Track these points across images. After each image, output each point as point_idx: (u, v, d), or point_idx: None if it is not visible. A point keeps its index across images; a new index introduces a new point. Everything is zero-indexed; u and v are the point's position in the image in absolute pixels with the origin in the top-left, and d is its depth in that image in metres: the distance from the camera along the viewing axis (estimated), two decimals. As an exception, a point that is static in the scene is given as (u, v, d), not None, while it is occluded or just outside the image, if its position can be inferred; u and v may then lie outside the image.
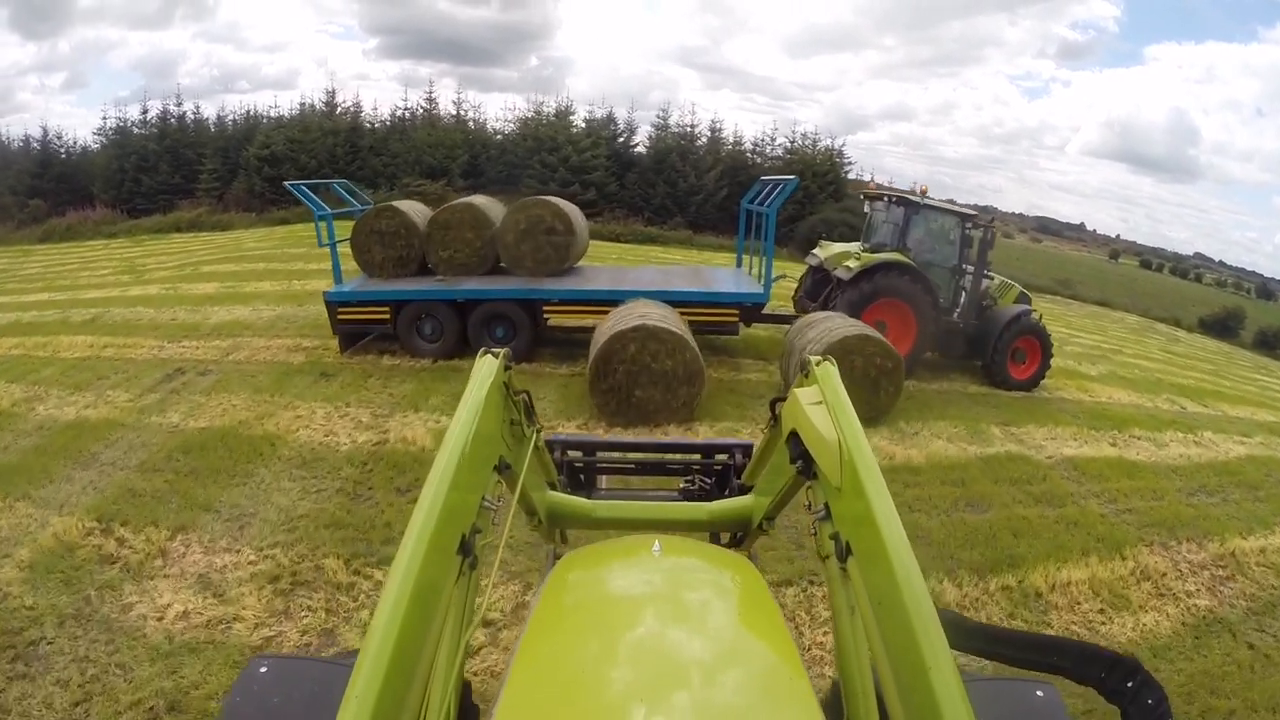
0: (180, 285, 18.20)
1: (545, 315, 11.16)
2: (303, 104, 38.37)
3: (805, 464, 2.08)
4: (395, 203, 12.35)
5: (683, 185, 32.96)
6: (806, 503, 2.18)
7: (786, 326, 11.26)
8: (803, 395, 2.10)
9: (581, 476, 4.01)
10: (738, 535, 3.41)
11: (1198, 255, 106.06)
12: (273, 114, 38.20)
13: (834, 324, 9.57)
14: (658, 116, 35.81)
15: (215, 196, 35.23)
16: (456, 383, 9.99)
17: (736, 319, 11.31)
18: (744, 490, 3.51)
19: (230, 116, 39.15)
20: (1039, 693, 2.33)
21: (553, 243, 11.30)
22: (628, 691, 1.52)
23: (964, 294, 12.04)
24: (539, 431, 2.90)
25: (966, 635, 1.92)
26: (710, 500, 3.59)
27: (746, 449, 3.86)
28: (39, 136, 39.22)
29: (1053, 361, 12.39)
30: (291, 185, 11.63)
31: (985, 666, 2.74)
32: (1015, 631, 2.03)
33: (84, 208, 34.97)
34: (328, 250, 11.63)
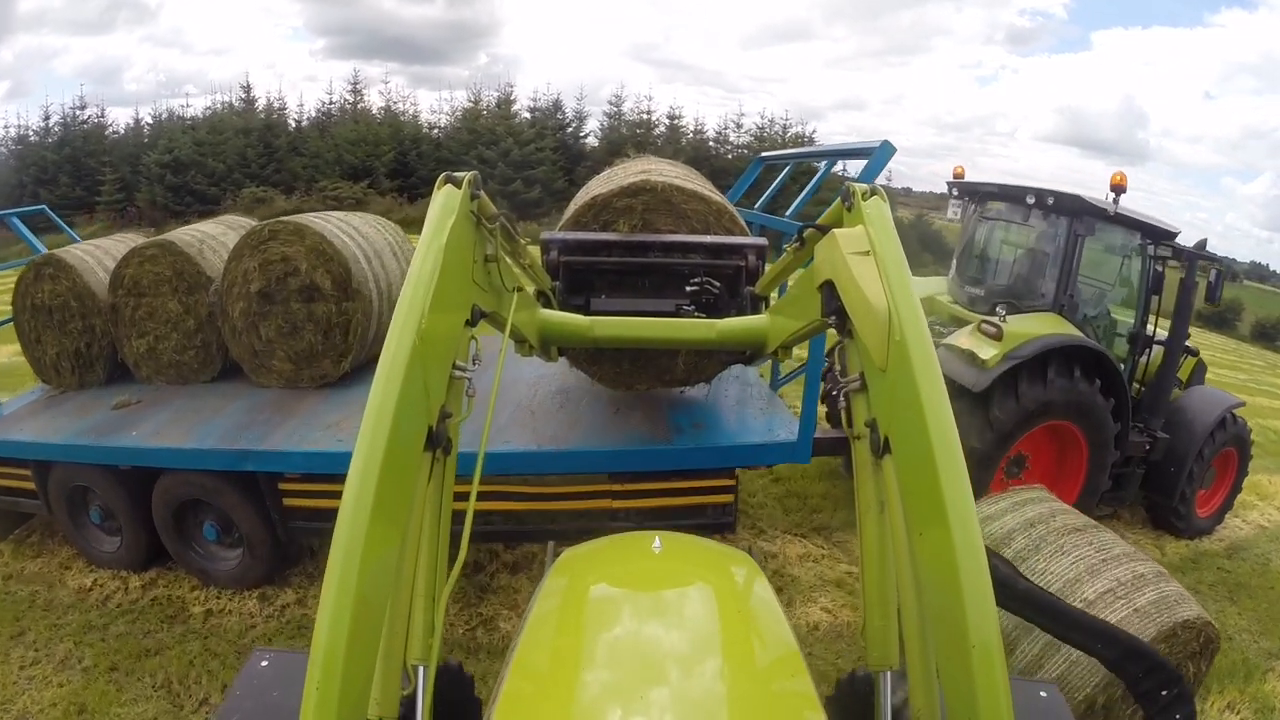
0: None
1: (284, 498, 4.51)
2: (214, 102, 31.79)
3: (841, 320, 1.64)
4: (76, 249, 6.14)
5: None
6: (838, 367, 1.84)
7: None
8: (844, 240, 1.57)
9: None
10: (746, 354, 3.17)
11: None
12: (187, 113, 31.66)
13: (1089, 557, 3.50)
14: (610, 104, 29.78)
15: (118, 210, 28.79)
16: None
17: (732, 497, 4.27)
18: (755, 301, 3.23)
19: (144, 120, 32.56)
20: (1042, 693, 2.02)
21: (316, 317, 4.86)
22: (628, 689, 1.34)
23: (1142, 379, 6.04)
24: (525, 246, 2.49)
25: (1014, 598, 1.90)
26: (719, 309, 3.31)
27: (761, 249, 3.51)
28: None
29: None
30: None
31: None
32: (1065, 605, 1.93)
33: (-28, 228, 28.53)
34: None
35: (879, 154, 3.56)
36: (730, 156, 28.75)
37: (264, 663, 2.06)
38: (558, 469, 3.89)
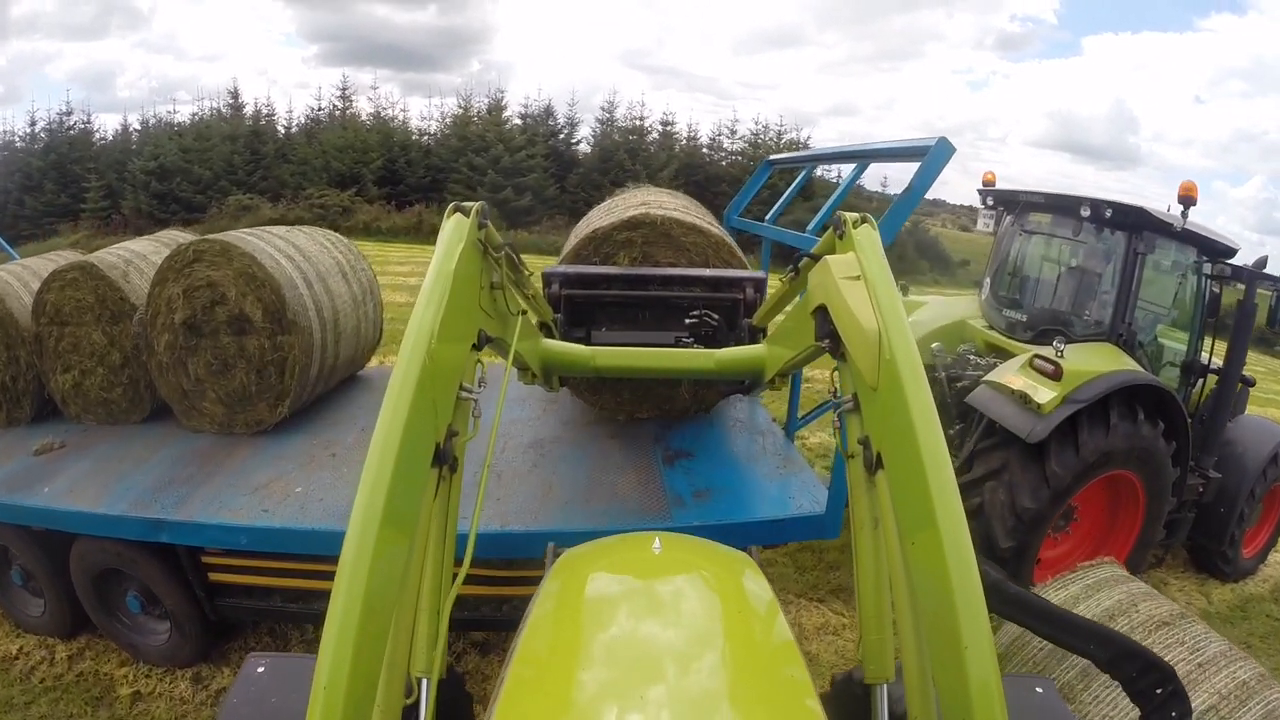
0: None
1: (209, 573, 3.79)
2: (199, 108, 30.81)
3: (834, 343, 1.71)
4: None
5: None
6: (833, 389, 1.90)
7: None
8: (836, 266, 1.64)
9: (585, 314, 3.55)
10: (745, 383, 3.18)
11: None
12: (175, 120, 30.69)
13: (1183, 661, 2.51)
14: (602, 110, 28.95)
15: (103, 218, 27.85)
16: None
17: None
18: (753, 333, 3.25)
19: (132, 127, 31.61)
20: (1038, 689, 1.98)
21: (248, 353, 4.15)
22: (627, 691, 1.30)
23: (1193, 413, 5.21)
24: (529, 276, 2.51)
25: (1006, 602, 1.89)
26: (718, 341, 3.30)
27: (759, 283, 3.50)
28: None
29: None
30: None
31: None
32: (1057, 609, 1.92)
33: (-45, 236, 27.54)
34: None
35: (935, 155, 2.77)
36: (724, 163, 28.03)
37: (260, 669, 2.00)
38: (528, 553, 3.13)
